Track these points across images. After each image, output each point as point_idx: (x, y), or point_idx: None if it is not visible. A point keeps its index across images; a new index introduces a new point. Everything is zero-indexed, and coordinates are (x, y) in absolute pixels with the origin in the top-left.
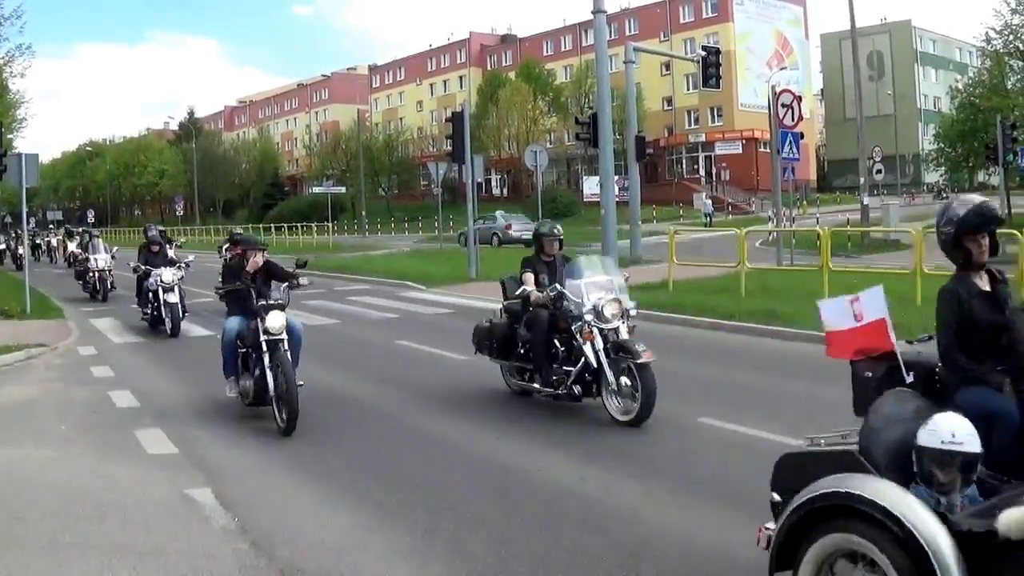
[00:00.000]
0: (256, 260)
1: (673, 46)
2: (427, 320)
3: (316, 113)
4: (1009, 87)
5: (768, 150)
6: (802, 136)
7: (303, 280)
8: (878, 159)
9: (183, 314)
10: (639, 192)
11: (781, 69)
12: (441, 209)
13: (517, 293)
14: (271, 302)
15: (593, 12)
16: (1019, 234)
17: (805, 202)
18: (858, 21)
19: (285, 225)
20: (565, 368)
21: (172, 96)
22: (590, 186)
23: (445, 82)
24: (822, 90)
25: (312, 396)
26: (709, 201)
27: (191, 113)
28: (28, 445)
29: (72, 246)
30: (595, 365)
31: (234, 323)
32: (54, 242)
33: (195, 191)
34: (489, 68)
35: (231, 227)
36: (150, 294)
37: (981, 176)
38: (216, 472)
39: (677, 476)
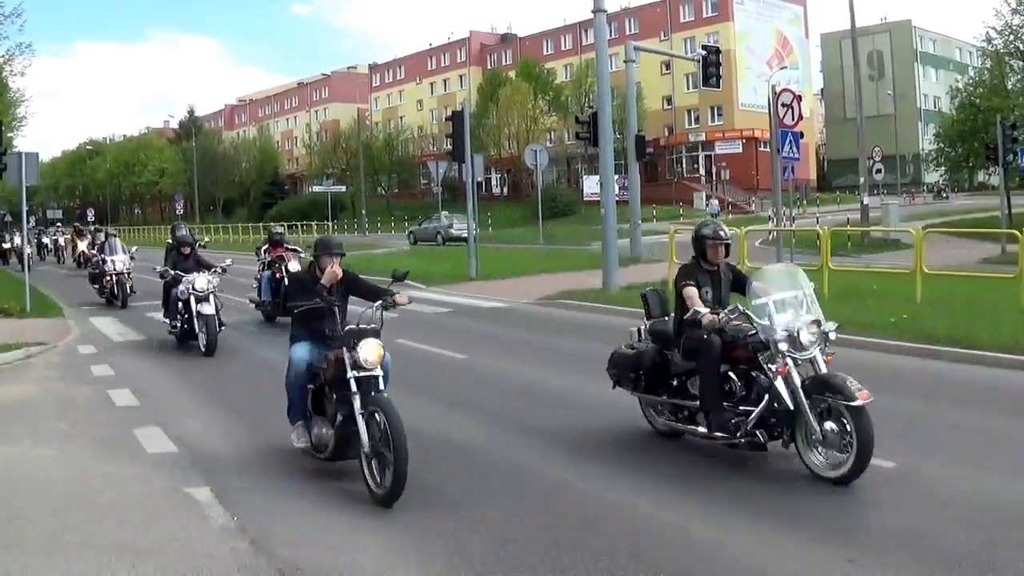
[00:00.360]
0: (335, 270)
1: (673, 45)
2: (427, 319)
3: (316, 112)
4: (1009, 87)
5: (768, 149)
6: (802, 136)
7: (402, 298)
8: (878, 159)
9: (220, 327)
10: (639, 191)
11: (781, 68)
12: (441, 208)
13: (687, 316)
14: (363, 327)
15: (593, 11)
16: (1019, 234)
17: (805, 201)
18: (858, 21)
19: (285, 224)
20: (742, 408)
21: (172, 95)
22: (590, 185)
23: (445, 81)
24: (822, 90)
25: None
26: (715, 201)
27: (191, 112)
28: (27, 443)
29: (83, 245)
30: (791, 407)
31: (303, 352)
32: (61, 241)
33: (195, 190)
34: (489, 67)
35: (269, 225)
36: (180, 304)
37: (981, 176)
38: (215, 471)
39: (675, 475)
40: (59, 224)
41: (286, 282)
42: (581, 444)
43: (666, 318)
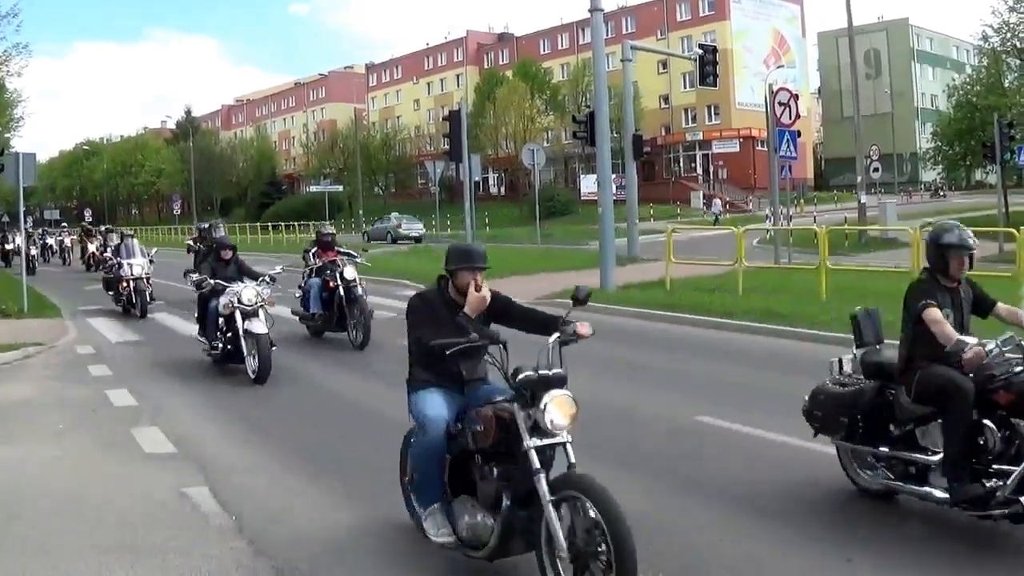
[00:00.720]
0: (483, 293)
1: (670, 44)
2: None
3: (313, 112)
4: (1007, 85)
5: (765, 148)
6: (799, 134)
7: (584, 328)
8: (875, 157)
9: (272, 347)
10: (636, 190)
11: (778, 67)
12: (439, 207)
13: (948, 348)
14: (543, 372)
15: (590, 10)
16: (1017, 232)
17: (802, 200)
18: (855, 19)
19: (283, 224)
20: (996, 467)
21: (170, 95)
22: (587, 184)
23: (442, 81)
24: (819, 88)
25: (313, 396)
26: (719, 201)
27: (188, 112)
28: (25, 444)
29: (92, 247)
30: None
31: (440, 408)
32: (67, 242)
33: (192, 190)
34: (486, 67)
35: (315, 224)
36: (220, 320)
37: (978, 174)
38: (214, 471)
39: (675, 474)
40: (64, 225)
41: (305, 281)
42: (583, 446)
43: (878, 347)
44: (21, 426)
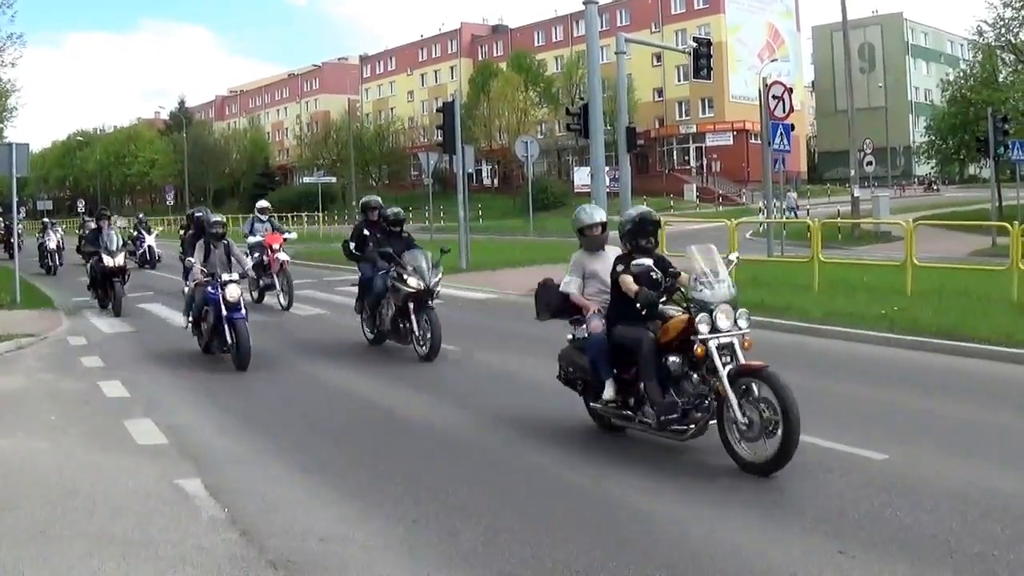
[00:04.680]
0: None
1: (664, 37)
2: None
3: (307, 103)
4: (1001, 80)
5: (759, 142)
6: (793, 128)
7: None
8: (869, 151)
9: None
10: (630, 183)
11: (772, 61)
12: (432, 199)
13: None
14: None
15: (584, 3)
16: (1010, 227)
17: (796, 194)
18: (849, 13)
19: (276, 215)
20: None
21: (164, 85)
22: (581, 177)
23: (436, 72)
24: (813, 82)
25: (302, 385)
26: (794, 195)
27: (182, 103)
28: (17, 435)
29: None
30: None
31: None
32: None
33: (186, 181)
34: (480, 58)
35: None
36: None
37: (972, 169)
38: (206, 462)
39: (669, 468)
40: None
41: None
42: (571, 436)
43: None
44: (13, 417)
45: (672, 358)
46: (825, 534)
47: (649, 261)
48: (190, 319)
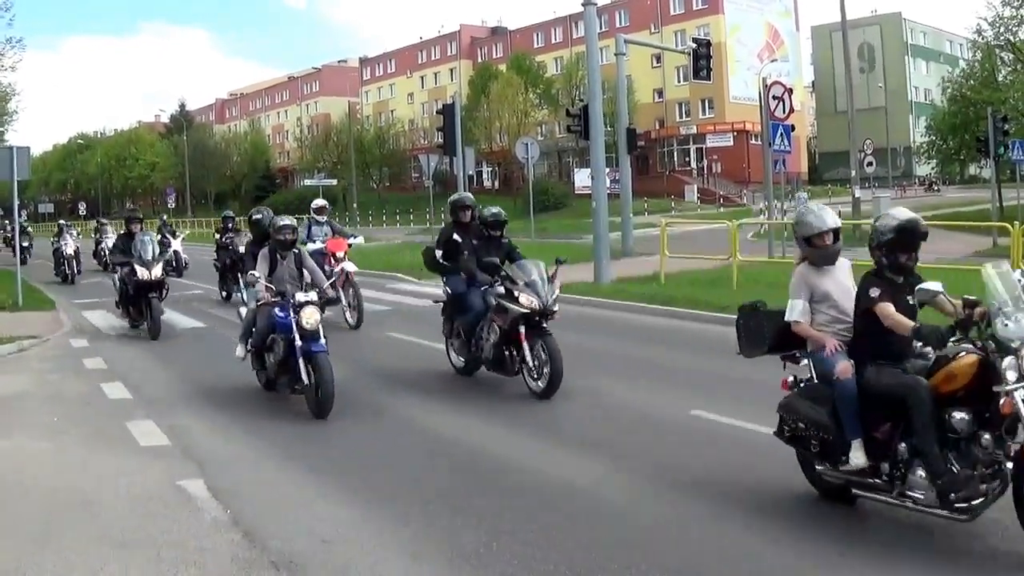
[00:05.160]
0: None
1: (663, 38)
2: (418, 312)
3: (307, 106)
4: (1000, 80)
5: (759, 142)
6: (793, 128)
7: None
8: (869, 151)
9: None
10: (630, 184)
11: (772, 61)
12: (433, 201)
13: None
14: None
15: (583, 4)
16: (1011, 227)
17: (807, 193)
18: (848, 13)
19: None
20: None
21: (163, 88)
22: (581, 178)
23: (436, 74)
24: (813, 82)
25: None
26: (805, 195)
27: (182, 106)
28: (20, 437)
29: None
30: None
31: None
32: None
33: (187, 183)
34: (480, 60)
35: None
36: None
37: (972, 169)
38: (208, 463)
39: (671, 469)
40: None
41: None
42: (573, 439)
43: None
44: (15, 419)
45: (958, 414)
46: (827, 536)
47: (938, 286)
48: (249, 348)
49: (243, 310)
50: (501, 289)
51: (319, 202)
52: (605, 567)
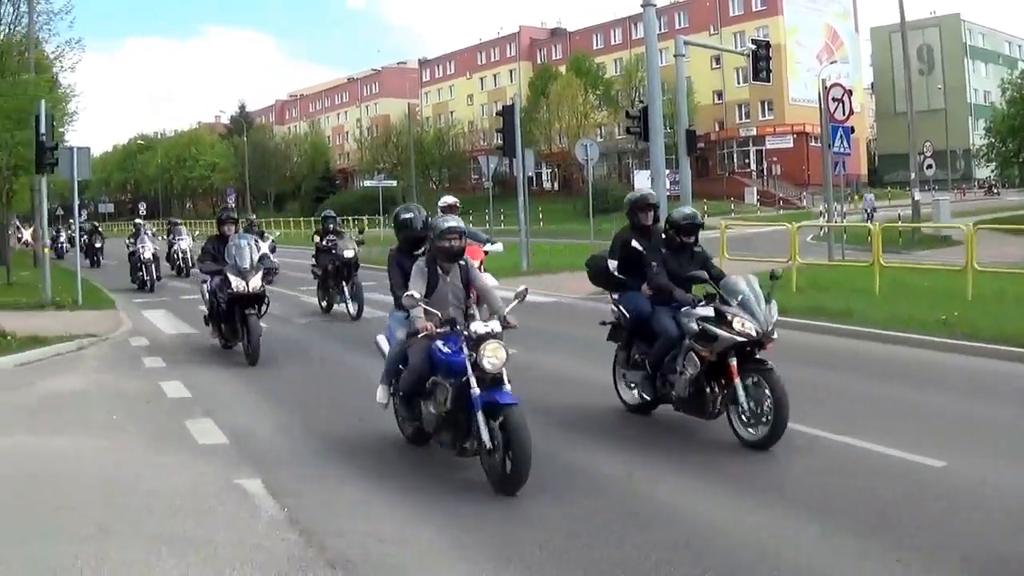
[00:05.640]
0: None
1: (723, 39)
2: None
3: (367, 107)
4: None
5: (819, 144)
6: (853, 130)
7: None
8: (929, 154)
9: None
10: (690, 186)
11: (831, 63)
12: (492, 203)
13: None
14: None
15: (643, 5)
16: None
17: (856, 197)
18: (907, 14)
19: (338, 218)
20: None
21: (223, 90)
22: (641, 180)
23: (495, 76)
24: (872, 84)
25: (361, 388)
26: (872, 196)
27: (242, 107)
28: (79, 434)
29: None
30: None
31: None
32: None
33: (247, 184)
34: (539, 62)
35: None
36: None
37: None
38: (266, 462)
39: (727, 475)
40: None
41: None
42: (631, 442)
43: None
44: (75, 417)
45: None
46: (884, 543)
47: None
48: (395, 392)
49: (381, 339)
50: (704, 311)
51: (448, 200)
52: (659, 571)
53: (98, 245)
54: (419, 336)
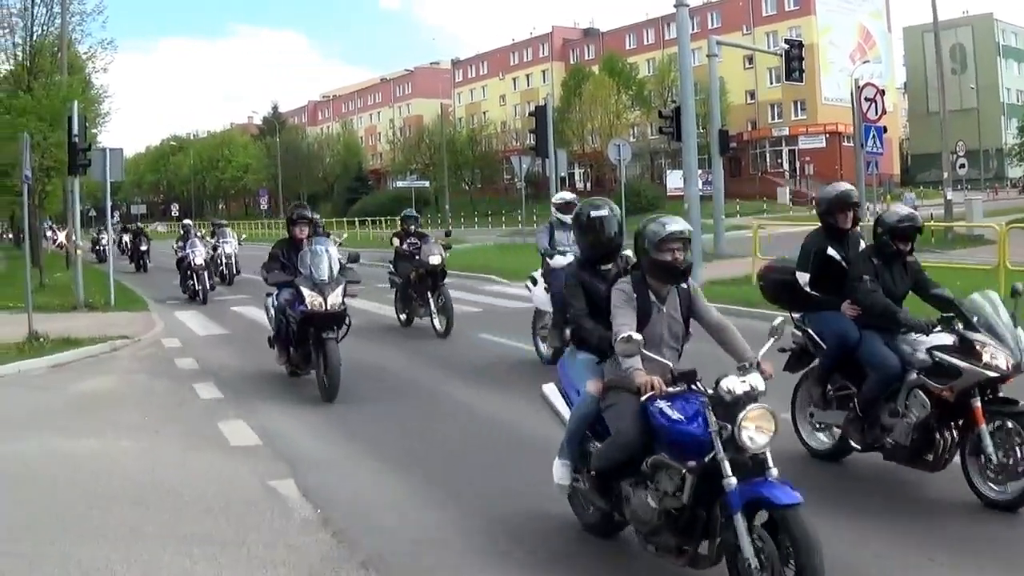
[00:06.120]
0: None
1: (755, 39)
2: (508, 313)
3: (399, 107)
4: None
5: (852, 144)
6: (885, 130)
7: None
8: (961, 153)
9: None
10: (723, 186)
11: (864, 62)
12: (525, 203)
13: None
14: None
15: (675, 5)
16: None
17: (889, 196)
18: (940, 14)
19: (369, 219)
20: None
21: (256, 90)
22: (673, 180)
23: (528, 76)
24: (905, 83)
25: (397, 390)
26: (912, 195)
27: (275, 108)
28: (111, 435)
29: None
30: None
31: None
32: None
33: (279, 185)
34: (572, 62)
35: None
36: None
37: None
38: (299, 463)
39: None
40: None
41: None
42: None
43: None
44: (107, 418)
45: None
46: (917, 541)
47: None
48: (576, 465)
49: (551, 392)
50: (940, 338)
51: (566, 195)
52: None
53: (143, 248)
54: (642, 397)
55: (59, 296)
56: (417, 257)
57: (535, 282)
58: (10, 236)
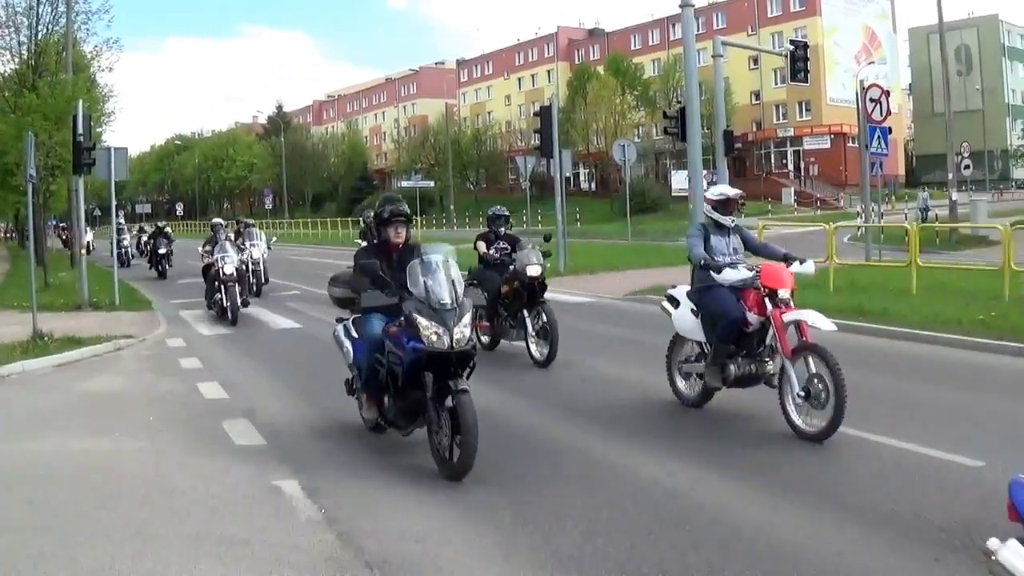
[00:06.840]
0: None
1: (761, 40)
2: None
3: (404, 107)
4: None
5: (856, 145)
6: (890, 131)
7: None
8: (966, 154)
9: None
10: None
11: (869, 63)
12: (530, 203)
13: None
14: None
15: (681, 6)
16: None
17: (893, 197)
18: (945, 15)
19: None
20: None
21: (261, 90)
22: (678, 180)
23: (533, 76)
24: (910, 84)
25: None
26: (927, 195)
27: (279, 107)
28: (116, 435)
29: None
30: None
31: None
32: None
33: (284, 185)
34: (577, 62)
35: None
36: None
37: None
38: (303, 464)
39: (762, 474)
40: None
41: None
42: (669, 441)
43: None
44: (111, 418)
45: None
46: (921, 541)
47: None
48: None
49: None
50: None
51: (726, 191)
52: (702, 570)
53: (163, 251)
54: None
55: (63, 295)
56: (512, 267)
57: (675, 303)
58: (13, 235)
